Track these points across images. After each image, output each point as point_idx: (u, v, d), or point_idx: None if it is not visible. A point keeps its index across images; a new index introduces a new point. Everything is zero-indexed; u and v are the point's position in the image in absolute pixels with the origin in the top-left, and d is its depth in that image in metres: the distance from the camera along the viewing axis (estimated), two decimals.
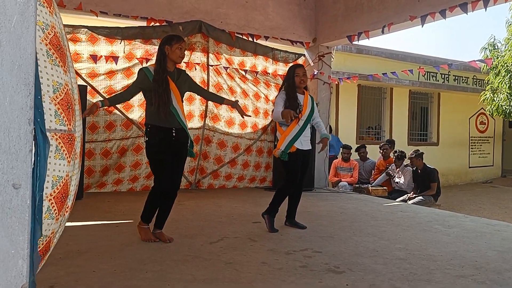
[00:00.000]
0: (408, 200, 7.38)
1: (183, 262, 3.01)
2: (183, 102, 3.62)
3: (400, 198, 7.46)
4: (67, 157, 1.52)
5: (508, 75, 11.10)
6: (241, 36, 6.69)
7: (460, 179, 13.66)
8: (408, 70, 7.44)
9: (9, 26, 1.22)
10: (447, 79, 13.12)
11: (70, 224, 3.77)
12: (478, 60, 6.44)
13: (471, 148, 14.15)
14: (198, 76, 6.39)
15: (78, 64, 5.57)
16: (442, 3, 5.28)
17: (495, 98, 11.75)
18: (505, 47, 11.54)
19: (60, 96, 1.51)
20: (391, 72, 7.58)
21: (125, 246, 3.36)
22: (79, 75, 5.56)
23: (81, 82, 5.47)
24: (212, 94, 4.53)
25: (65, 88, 1.54)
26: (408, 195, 7.60)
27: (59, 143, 1.49)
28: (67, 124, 1.53)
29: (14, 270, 1.25)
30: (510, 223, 4.95)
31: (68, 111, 1.54)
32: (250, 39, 6.78)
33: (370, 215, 5.06)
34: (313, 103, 4.27)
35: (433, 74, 12.62)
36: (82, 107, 1.87)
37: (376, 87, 11.77)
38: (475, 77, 13.71)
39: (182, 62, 3.63)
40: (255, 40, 6.82)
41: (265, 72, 7.04)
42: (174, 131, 3.47)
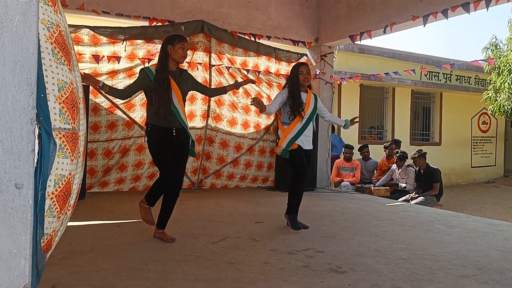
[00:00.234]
0: (410, 200, 7.37)
1: (185, 262, 3.01)
2: (185, 102, 3.62)
3: (402, 198, 7.45)
4: (70, 155, 1.52)
5: (510, 75, 11.08)
6: (243, 36, 6.69)
7: (462, 179, 13.63)
8: (411, 70, 7.42)
9: (11, 25, 1.22)
10: (449, 79, 13.08)
11: (73, 223, 3.78)
12: (481, 60, 6.43)
13: (474, 148, 14.12)
14: (200, 76, 6.38)
15: (80, 64, 5.56)
16: (444, 2, 5.27)
17: (498, 98, 11.75)
18: (507, 46, 11.52)
19: (65, 94, 1.51)
20: (393, 72, 7.56)
21: (127, 246, 3.36)
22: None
23: None
24: (215, 89, 4.63)
25: (70, 86, 1.54)
26: (411, 195, 7.59)
27: (63, 141, 1.49)
28: (72, 123, 1.53)
29: (17, 270, 1.25)
30: None
31: (72, 109, 1.54)
32: (252, 39, 6.77)
33: (372, 215, 5.05)
34: (316, 101, 4.25)
35: (435, 74, 12.59)
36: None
37: (378, 87, 11.75)
38: (477, 77, 13.68)
39: (184, 62, 3.63)
40: (257, 40, 6.82)
41: (267, 72, 7.03)
42: (174, 131, 3.47)
